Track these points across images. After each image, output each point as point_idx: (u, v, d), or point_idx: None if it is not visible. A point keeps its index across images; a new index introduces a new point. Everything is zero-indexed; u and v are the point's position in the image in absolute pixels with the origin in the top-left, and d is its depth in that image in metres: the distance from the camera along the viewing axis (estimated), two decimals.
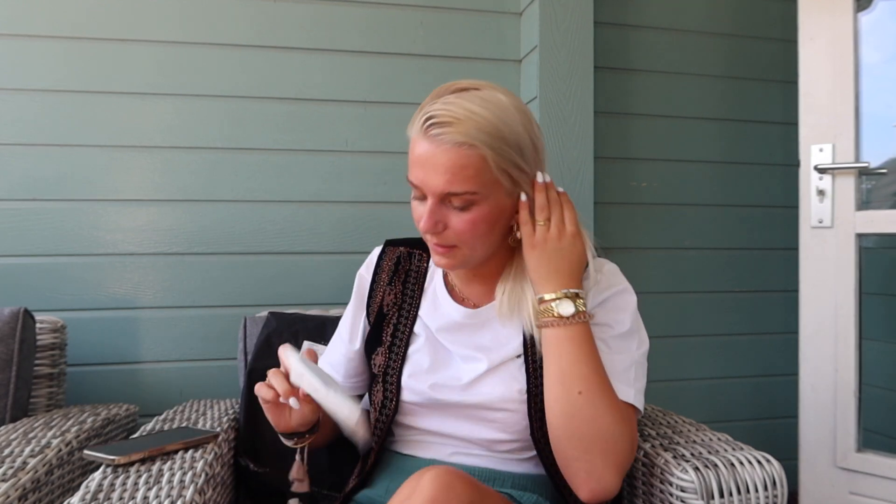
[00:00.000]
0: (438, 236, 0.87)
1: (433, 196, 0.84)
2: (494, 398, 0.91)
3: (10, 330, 1.28)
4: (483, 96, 0.83)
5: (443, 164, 0.82)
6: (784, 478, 0.92)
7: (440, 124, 0.81)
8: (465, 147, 0.80)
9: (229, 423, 1.20)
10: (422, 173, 0.84)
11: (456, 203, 0.84)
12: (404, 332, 0.99)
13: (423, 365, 0.95)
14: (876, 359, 1.83)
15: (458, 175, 0.82)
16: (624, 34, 1.87)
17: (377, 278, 1.05)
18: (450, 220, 0.86)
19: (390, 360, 0.98)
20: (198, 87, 1.62)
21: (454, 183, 0.82)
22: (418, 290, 1.02)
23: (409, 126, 0.87)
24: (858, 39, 1.56)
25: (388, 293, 1.03)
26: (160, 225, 1.61)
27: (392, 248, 1.07)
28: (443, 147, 0.81)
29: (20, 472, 0.92)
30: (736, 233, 1.95)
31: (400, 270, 1.04)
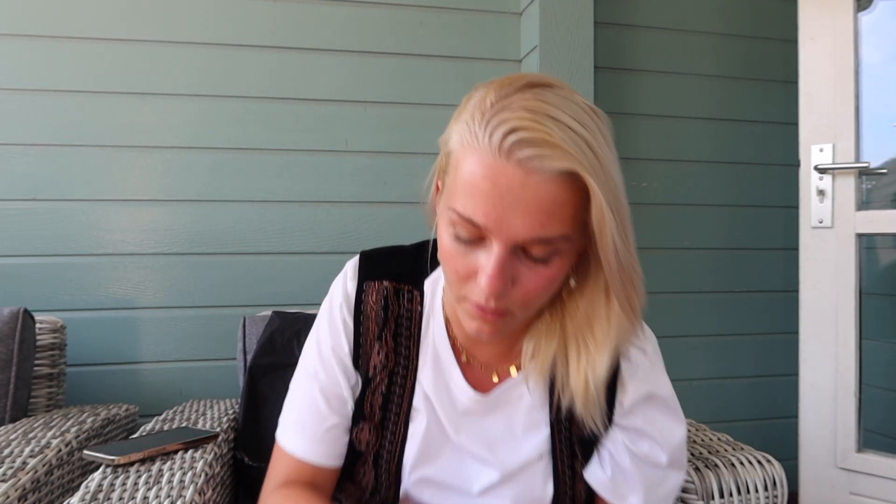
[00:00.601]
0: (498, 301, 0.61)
1: (508, 243, 0.58)
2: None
3: (9, 330, 1.28)
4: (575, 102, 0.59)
5: (537, 201, 0.56)
6: (784, 478, 0.92)
7: (534, 143, 0.55)
8: (570, 177, 0.56)
9: (229, 424, 1.20)
10: (496, 210, 0.57)
11: (537, 253, 0.59)
12: (400, 404, 0.75)
13: (428, 453, 0.74)
14: (876, 359, 1.83)
15: (555, 215, 0.57)
16: (624, 34, 1.87)
17: (363, 328, 0.76)
18: (520, 276, 0.60)
19: (384, 440, 0.75)
20: (198, 87, 1.62)
21: (549, 225, 0.57)
22: (414, 347, 0.76)
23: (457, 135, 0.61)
24: (859, 39, 1.56)
25: (376, 351, 0.76)
26: (160, 225, 1.61)
27: (375, 284, 0.77)
28: (540, 177, 0.56)
29: (20, 473, 0.92)
30: (736, 233, 1.95)
31: (389, 317, 0.76)
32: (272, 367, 1.27)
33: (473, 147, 0.58)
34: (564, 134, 0.56)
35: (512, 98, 0.58)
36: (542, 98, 0.58)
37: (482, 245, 0.60)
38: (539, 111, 0.56)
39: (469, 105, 0.61)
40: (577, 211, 0.58)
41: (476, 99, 0.60)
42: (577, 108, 0.58)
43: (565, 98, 0.59)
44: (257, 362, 1.29)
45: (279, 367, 1.27)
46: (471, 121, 0.59)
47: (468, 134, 0.58)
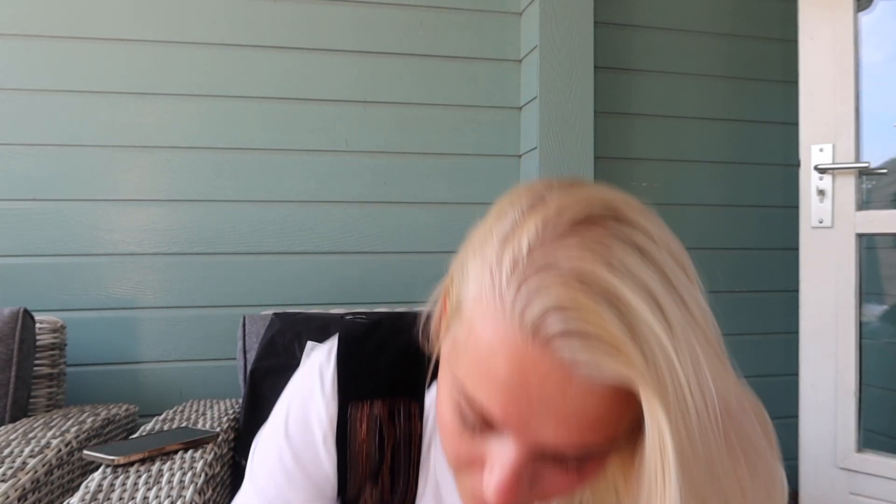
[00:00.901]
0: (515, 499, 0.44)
1: (530, 448, 0.43)
2: None
3: (9, 330, 1.28)
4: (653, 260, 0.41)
5: (579, 411, 0.40)
6: (784, 478, 0.92)
7: (586, 337, 0.39)
8: (624, 388, 0.40)
9: (229, 424, 1.20)
10: (521, 410, 0.41)
11: (571, 455, 0.43)
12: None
13: None
14: (876, 359, 1.82)
15: (600, 427, 0.42)
16: (624, 34, 1.87)
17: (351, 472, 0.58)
18: (543, 476, 0.45)
19: None
20: (197, 87, 1.62)
21: (590, 436, 0.42)
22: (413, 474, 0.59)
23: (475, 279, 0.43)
24: (859, 39, 1.56)
25: (370, 491, 0.59)
26: (160, 225, 1.61)
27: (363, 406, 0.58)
28: (587, 384, 0.40)
29: (20, 473, 0.92)
30: (736, 233, 1.95)
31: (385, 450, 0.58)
32: (273, 370, 1.26)
33: (496, 312, 0.40)
34: (629, 328, 0.38)
35: (563, 247, 0.40)
36: (609, 257, 0.40)
37: (495, 433, 0.44)
38: (600, 284, 0.39)
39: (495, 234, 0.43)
40: (626, 414, 0.42)
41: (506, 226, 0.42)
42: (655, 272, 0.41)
43: (638, 250, 0.41)
44: (258, 365, 1.28)
45: (280, 369, 1.27)
46: (496, 267, 0.41)
47: (489, 287, 0.41)
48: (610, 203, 0.44)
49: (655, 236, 0.43)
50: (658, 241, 0.43)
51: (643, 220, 0.44)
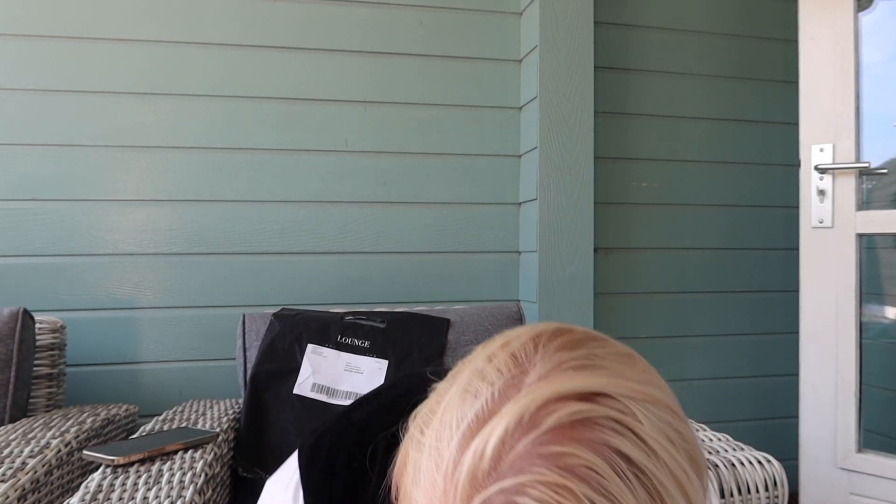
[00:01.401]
0: None
1: None
2: None
3: (9, 330, 1.28)
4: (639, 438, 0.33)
5: None
6: (785, 478, 0.92)
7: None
8: None
9: (229, 424, 1.20)
10: None
11: None
12: None
13: None
14: (876, 359, 1.82)
15: None
16: (624, 34, 1.87)
17: None
18: None
19: None
20: (197, 86, 1.62)
21: None
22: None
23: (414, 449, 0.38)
24: (859, 39, 1.56)
25: None
26: (160, 225, 1.61)
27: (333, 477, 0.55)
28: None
29: (19, 473, 0.92)
30: (736, 233, 1.95)
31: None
32: (274, 374, 1.26)
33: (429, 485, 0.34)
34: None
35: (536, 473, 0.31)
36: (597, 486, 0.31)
37: None
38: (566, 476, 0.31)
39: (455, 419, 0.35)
40: None
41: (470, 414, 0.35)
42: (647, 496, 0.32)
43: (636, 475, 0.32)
44: (259, 370, 1.27)
45: (281, 373, 1.26)
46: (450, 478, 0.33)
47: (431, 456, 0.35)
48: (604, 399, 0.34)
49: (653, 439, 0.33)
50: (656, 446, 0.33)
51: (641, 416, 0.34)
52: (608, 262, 1.84)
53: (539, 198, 1.64)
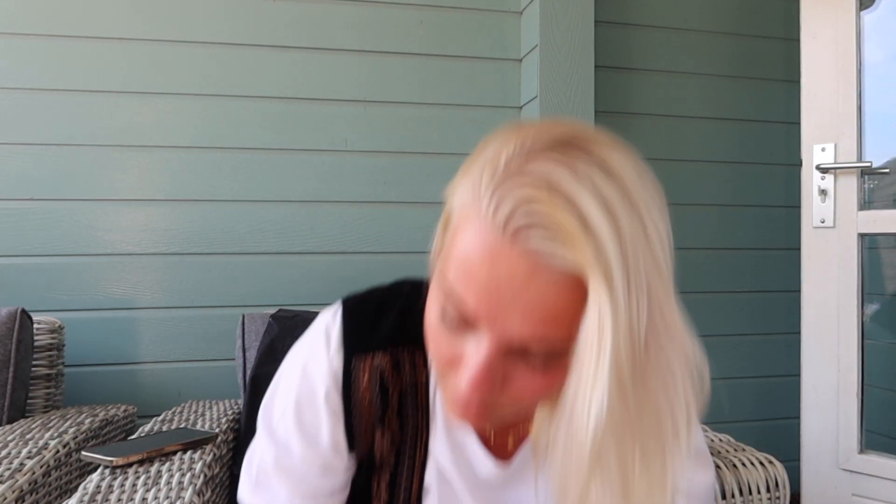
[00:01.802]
0: (484, 395, 0.49)
1: (500, 341, 0.47)
2: None
3: (7, 330, 1.27)
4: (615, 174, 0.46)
5: (542, 302, 0.44)
6: (786, 479, 0.91)
7: (547, 229, 0.43)
8: (580, 280, 0.44)
9: (228, 424, 1.20)
10: (491, 299, 0.45)
11: (535, 350, 0.47)
12: (409, 487, 0.64)
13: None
14: (878, 359, 1.82)
15: (561, 319, 0.45)
16: (625, 33, 1.86)
17: (356, 418, 0.63)
18: (513, 376, 0.49)
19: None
20: (197, 86, 1.62)
21: (552, 329, 0.45)
22: (423, 418, 0.64)
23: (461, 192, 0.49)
24: (861, 38, 1.56)
25: (379, 436, 0.64)
26: (158, 225, 1.60)
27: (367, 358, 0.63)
28: (549, 274, 0.44)
29: (17, 474, 0.91)
30: (737, 233, 1.95)
31: (391, 396, 0.63)
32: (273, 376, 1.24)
33: (475, 214, 0.46)
34: (584, 225, 0.43)
35: (534, 160, 0.45)
36: (573, 166, 0.44)
37: (471, 331, 0.48)
38: (563, 188, 0.43)
39: (482, 156, 0.48)
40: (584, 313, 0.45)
41: (492, 150, 0.48)
42: (615, 186, 0.45)
43: (602, 168, 0.45)
44: (258, 372, 1.26)
45: None
46: (478, 180, 0.47)
47: (471, 196, 0.47)
48: (585, 132, 0.49)
49: (623, 162, 0.48)
50: (610, 158, 0.47)
51: (615, 149, 0.48)
52: None
53: None
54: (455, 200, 0.50)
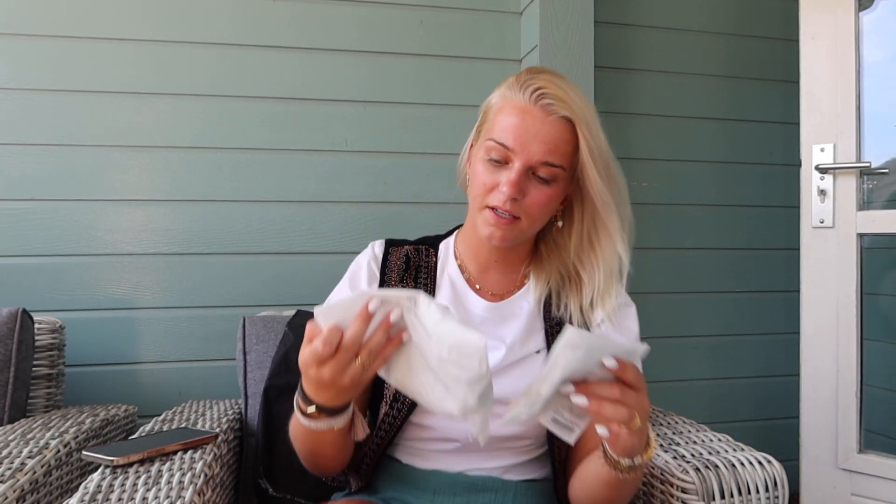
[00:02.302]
0: (512, 204, 0.85)
1: (524, 163, 0.84)
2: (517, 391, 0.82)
3: (8, 330, 1.27)
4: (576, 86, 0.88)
5: (548, 134, 0.84)
6: (785, 479, 0.92)
7: (552, 97, 0.83)
8: (569, 124, 0.84)
9: (229, 424, 1.20)
10: (523, 136, 0.84)
11: (542, 174, 0.85)
12: None
13: None
14: (877, 359, 1.82)
15: (559, 147, 0.84)
16: (624, 34, 1.86)
17: (386, 276, 0.97)
18: (528, 191, 0.86)
19: None
20: (196, 86, 1.62)
21: (553, 154, 0.84)
22: (431, 283, 0.97)
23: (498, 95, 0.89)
24: (860, 38, 1.56)
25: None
26: (159, 225, 1.60)
27: (397, 248, 1.01)
28: (552, 118, 0.84)
29: (18, 474, 0.92)
30: (736, 233, 1.95)
31: (410, 267, 0.98)
32: (288, 389, 1.22)
33: (511, 99, 0.86)
34: (569, 97, 0.84)
35: (539, 74, 0.87)
36: (558, 76, 0.87)
37: (506, 167, 0.86)
38: (556, 83, 0.85)
39: (507, 81, 0.89)
40: (572, 150, 0.86)
41: (512, 77, 0.89)
42: (578, 89, 0.87)
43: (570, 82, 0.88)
44: (272, 383, 1.24)
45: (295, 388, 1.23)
46: (510, 86, 0.87)
47: (508, 92, 0.87)
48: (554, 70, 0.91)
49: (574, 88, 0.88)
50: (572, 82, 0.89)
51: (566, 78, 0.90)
52: None
53: None
54: (493, 100, 0.90)
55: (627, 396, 0.66)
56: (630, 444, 0.70)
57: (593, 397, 0.66)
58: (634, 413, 0.67)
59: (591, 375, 0.67)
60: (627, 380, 0.67)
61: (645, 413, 0.69)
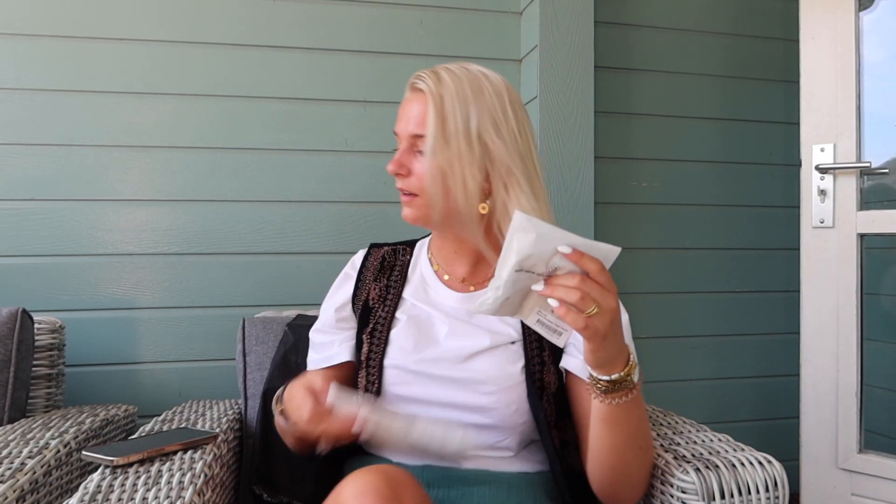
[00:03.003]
0: (401, 181, 0.93)
1: (402, 139, 0.93)
2: (492, 374, 0.91)
3: (8, 330, 1.27)
4: (465, 66, 0.94)
5: (411, 108, 0.91)
6: (785, 479, 0.91)
7: (419, 76, 0.92)
8: (429, 94, 0.89)
9: (229, 424, 1.20)
10: (399, 120, 0.93)
11: (419, 147, 0.90)
12: (386, 317, 0.99)
13: (407, 345, 0.95)
14: (877, 359, 1.82)
15: (421, 118, 0.89)
16: (624, 34, 1.86)
17: (362, 276, 1.05)
18: (413, 166, 0.92)
19: (372, 346, 0.97)
20: (197, 86, 1.62)
21: (415, 124, 0.90)
22: (402, 279, 1.03)
23: None
24: (860, 38, 1.56)
25: (373, 289, 1.03)
26: (159, 225, 1.61)
27: (377, 249, 1.08)
28: (415, 94, 0.92)
29: (18, 474, 0.92)
30: (736, 233, 1.95)
31: (385, 267, 1.06)
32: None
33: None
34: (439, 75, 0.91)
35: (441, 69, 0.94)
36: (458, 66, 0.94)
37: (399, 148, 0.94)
38: (438, 68, 0.93)
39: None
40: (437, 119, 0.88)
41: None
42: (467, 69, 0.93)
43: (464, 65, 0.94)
44: (271, 385, 1.22)
45: None
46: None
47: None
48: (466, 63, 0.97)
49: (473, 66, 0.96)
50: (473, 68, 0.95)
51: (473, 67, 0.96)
52: None
53: None
54: None
55: (586, 285, 0.67)
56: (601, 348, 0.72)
57: (550, 284, 0.68)
58: (590, 300, 0.67)
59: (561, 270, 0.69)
60: (589, 271, 0.68)
61: (610, 312, 0.69)
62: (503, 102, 0.91)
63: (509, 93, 0.93)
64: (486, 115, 0.89)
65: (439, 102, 0.88)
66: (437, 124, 0.88)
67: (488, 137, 0.88)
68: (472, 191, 0.89)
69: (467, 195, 0.89)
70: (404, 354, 0.94)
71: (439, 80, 0.90)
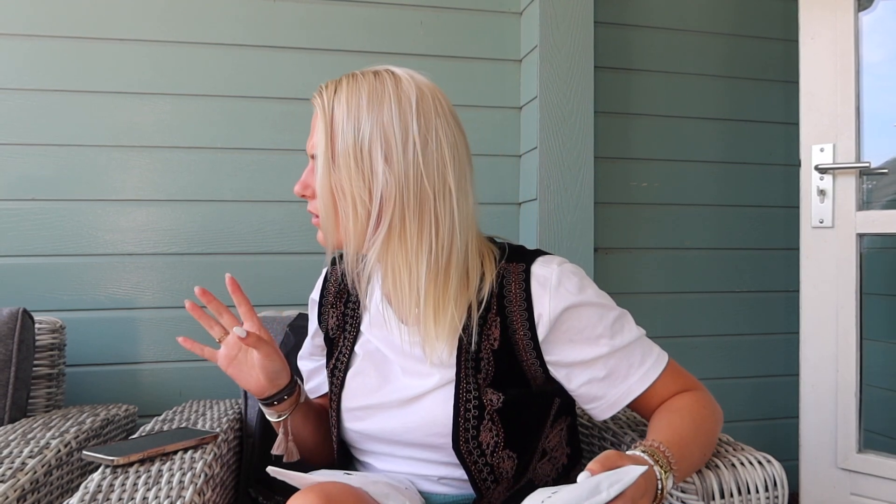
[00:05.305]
0: (309, 203, 0.90)
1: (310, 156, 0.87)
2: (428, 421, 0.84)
3: (8, 330, 1.28)
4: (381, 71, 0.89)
5: (313, 124, 0.86)
6: (785, 479, 0.92)
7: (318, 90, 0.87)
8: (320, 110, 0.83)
9: (229, 424, 1.20)
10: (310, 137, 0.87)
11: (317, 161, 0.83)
12: (344, 353, 0.94)
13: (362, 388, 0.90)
14: (877, 359, 1.82)
15: (315, 136, 0.83)
16: (624, 34, 1.86)
17: (323, 301, 1.00)
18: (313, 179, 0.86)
19: (332, 388, 0.94)
20: (197, 86, 1.62)
21: (311, 144, 0.85)
22: (359, 306, 0.95)
23: None
24: (860, 38, 1.56)
25: (331, 316, 0.98)
26: (159, 225, 1.61)
27: (335, 268, 1.00)
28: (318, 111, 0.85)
29: (19, 473, 0.92)
30: (736, 233, 1.95)
31: (342, 290, 0.98)
32: None
33: None
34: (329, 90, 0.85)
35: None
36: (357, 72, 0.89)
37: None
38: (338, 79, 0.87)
39: None
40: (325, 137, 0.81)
41: None
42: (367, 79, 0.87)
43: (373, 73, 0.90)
44: None
45: None
46: None
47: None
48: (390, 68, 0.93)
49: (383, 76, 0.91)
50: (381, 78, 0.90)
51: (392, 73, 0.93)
52: (608, 262, 1.83)
53: (539, 198, 1.64)
54: None
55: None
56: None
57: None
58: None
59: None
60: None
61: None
62: (406, 114, 0.81)
63: (423, 101, 0.84)
64: (378, 131, 0.79)
65: (329, 119, 0.81)
66: (326, 144, 0.80)
67: (375, 157, 0.78)
68: (361, 217, 0.80)
69: (357, 222, 0.80)
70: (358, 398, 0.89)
71: (336, 91, 0.83)
